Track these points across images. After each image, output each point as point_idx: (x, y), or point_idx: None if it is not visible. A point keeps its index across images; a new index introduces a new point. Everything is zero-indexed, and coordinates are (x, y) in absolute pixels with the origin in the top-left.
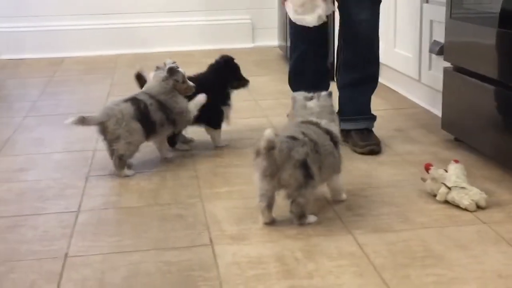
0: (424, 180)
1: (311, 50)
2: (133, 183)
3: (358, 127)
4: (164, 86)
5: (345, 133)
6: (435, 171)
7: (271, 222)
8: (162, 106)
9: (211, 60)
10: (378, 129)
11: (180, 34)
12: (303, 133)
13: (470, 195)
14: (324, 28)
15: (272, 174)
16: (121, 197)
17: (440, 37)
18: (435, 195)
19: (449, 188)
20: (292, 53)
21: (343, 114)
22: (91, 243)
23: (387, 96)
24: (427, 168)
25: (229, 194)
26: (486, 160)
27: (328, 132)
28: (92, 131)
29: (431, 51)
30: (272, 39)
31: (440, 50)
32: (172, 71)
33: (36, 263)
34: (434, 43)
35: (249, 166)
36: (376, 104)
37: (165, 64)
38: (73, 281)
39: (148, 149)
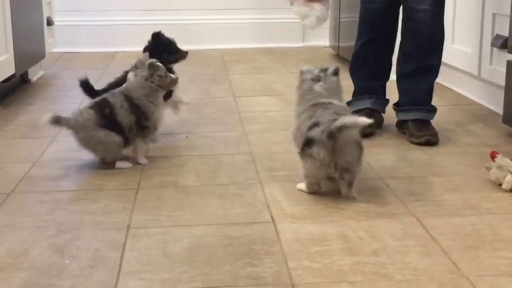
0: (488, 169)
1: (376, 40)
2: (189, 164)
3: (412, 118)
4: (148, 86)
5: (402, 123)
6: (502, 159)
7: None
8: (137, 109)
9: (262, 58)
10: (435, 122)
11: (231, 32)
12: (338, 115)
13: None
14: (393, 21)
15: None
16: (178, 177)
17: (502, 30)
18: (500, 184)
19: None
20: (357, 40)
21: (400, 105)
22: (152, 217)
23: (442, 94)
24: (493, 156)
25: (287, 178)
26: None
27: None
28: None
29: (493, 45)
30: (323, 39)
31: (503, 43)
32: (154, 66)
33: (100, 233)
34: (496, 37)
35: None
36: (432, 101)
37: (141, 61)
38: (137, 250)
39: (204, 133)
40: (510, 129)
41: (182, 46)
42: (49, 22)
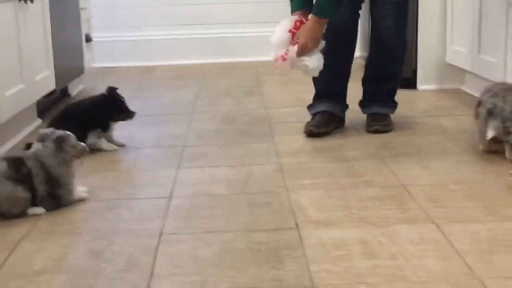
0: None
1: (335, 48)
2: (221, 174)
3: (372, 112)
4: (61, 157)
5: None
6: None
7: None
8: (51, 178)
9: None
10: (460, 131)
11: (265, 44)
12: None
13: None
14: (352, 33)
15: None
16: (210, 186)
17: None
18: None
19: None
20: None
21: (363, 103)
22: (184, 224)
23: (470, 102)
24: None
25: (313, 186)
26: None
27: None
28: (182, 129)
29: None
30: None
31: None
32: (63, 139)
33: (134, 239)
34: None
35: (331, 162)
36: (460, 110)
37: (46, 134)
38: (168, 254)
39: (235, 144)
40: None
41: (218, 59)
42: (88, 39)
